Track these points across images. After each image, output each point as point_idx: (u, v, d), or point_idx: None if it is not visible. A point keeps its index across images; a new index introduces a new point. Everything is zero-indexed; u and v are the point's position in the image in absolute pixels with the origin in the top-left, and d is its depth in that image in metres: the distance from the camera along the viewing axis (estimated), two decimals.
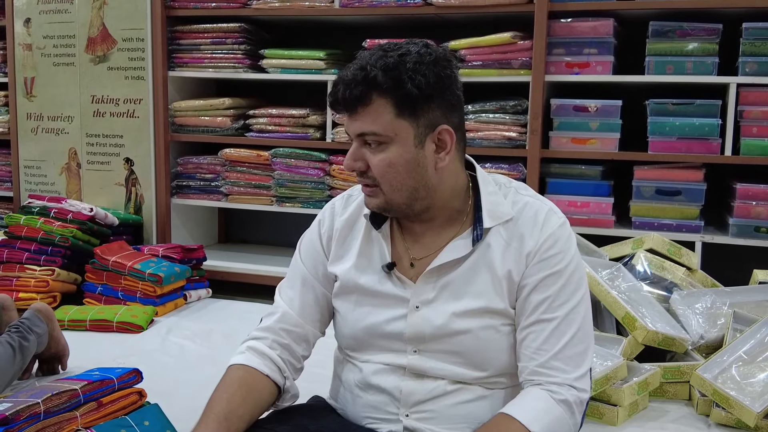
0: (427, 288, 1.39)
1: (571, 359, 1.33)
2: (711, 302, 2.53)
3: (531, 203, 1.40)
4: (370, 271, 1.44)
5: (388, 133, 1.31)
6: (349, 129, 1.35)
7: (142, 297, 3.12)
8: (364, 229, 1.47)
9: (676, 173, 3.07)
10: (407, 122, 1.31)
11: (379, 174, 1.33)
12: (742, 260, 2.97)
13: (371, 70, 1.29)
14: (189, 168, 3.76)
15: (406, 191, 1.34)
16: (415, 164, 1.33)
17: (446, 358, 1.38)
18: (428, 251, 1.41)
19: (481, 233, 1.37)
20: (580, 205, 3.18)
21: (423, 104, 1.31)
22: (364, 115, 1.31)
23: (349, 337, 1.48)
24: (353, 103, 1.31)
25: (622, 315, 2.37)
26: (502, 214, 1.38)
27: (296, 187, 3.53)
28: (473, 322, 1.36)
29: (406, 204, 1.36)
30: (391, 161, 1.32)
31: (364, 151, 1.34)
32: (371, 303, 1.44)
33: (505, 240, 1.37)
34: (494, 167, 3.23)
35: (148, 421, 1.96)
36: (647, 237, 2.76)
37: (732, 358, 2.26)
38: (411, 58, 1.30)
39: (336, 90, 1.33)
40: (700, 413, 2.21)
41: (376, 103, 1.30)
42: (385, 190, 1.34)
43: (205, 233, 4.03)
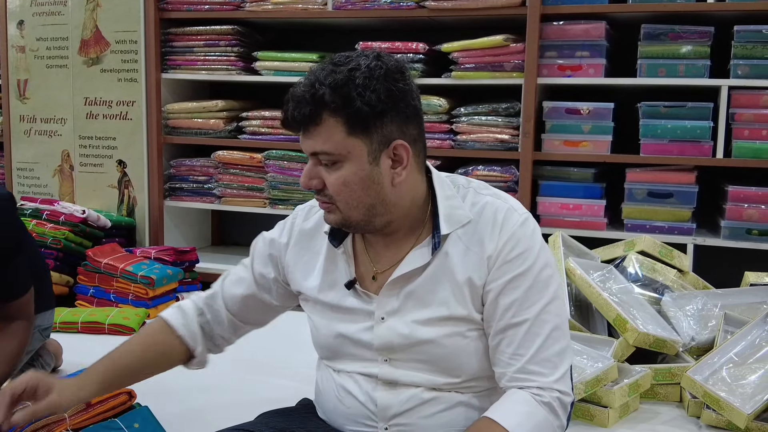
0: (390, 299, 1.37)
1: (548, 361, 1.30)
2: (702, 304, 2.53)
3: (491, 203, 1.36)
4: (334, 288, 1.43)
5: (341, 152, 1.27)
6: (303, 147, 1.32)
7: (134, 299, 3.11)
8: (326, 245, 1.45)
9: (668, 176, 3.08)
10: (360, 140, 1.27)
11: (335, 192, 1.30)
12: (734, 263, 2.97)
13: (320, 88, 1.25)
14: (182, 170, 3.76)
15: (362, 208, 1.31)
16: (370, 181, 1.29)
17: (417, 366, 1.36)
18: (390, 263, 1.39)
19: (439, 241, 1.34)
20: (572, 208, 3.18)
21: (375, 121, 1.27)
22: (316, 135, 1.27)
23: (323, 346, 1.47)
24: (303, 122, 1.27)
25: (613, 317, 2.37)
26: (460, 218, 1.35)
27: (289, 189, 3.53)
28: (438, 330, 1.33)
29: (364, 221, 1.33)
30: (345, 180, 1.28)
31: (319, 169, 1.30)
32: (339, 317, 1.42)
33: (465, 245, 1.34)
34: (487, 170, 3.24)
35: (138, 424, 1.95)
36: (639, 239, 2.76)
37: (723, 360, 2.26)
38: (361, 73, 1.25)
39: (286, 108, 1.29)
40: (690, 415, 2.21)
41: (326, 122, 1.25)
42: (342, 208, 1.31)
43: (198, 235, 4.03)
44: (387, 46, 3.30)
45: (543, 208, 3.23)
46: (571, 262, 2.55)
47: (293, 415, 1.52)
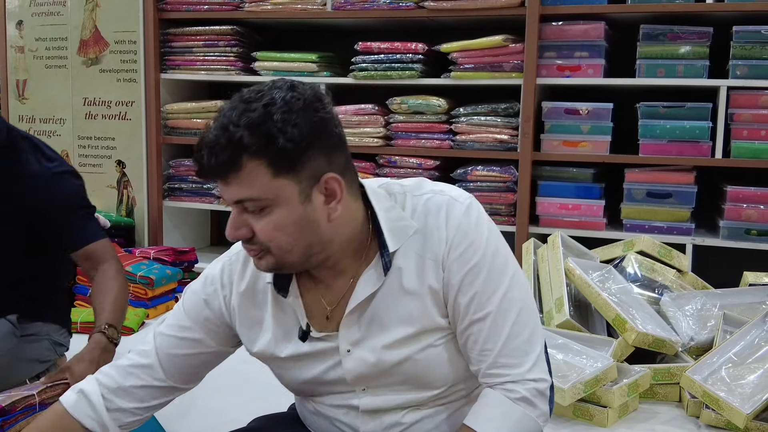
0: (351, 330, 1.28)
1: (517, 350, 1.24)
2: (701, 304, 2.54)
3: (431, 200, 1.27)
4: (288, 339, 1.33)
5: (268, 196, 1.15)
6: (223, 195, 1.19)
7: (133, 299, 3.11)
8: (270, 294, 1.33)
9: (667, 176, 3.08)
10: (287, 180, 1.15)
11: (267, 239, 1.18)
12: (732, 263, 2.97)
13: (235, 131, 1.12)
14: (181, 170, 3.76)
15: (299, 250, 1.21)
16: (305, 222, 1.19)
17: (396, 388, 1.30)
18: (342, 293, 1.29)
19: (390, 260, 1.25)
20: (571, 208, 3.19)
21: (301, 157, 1.15)
22: (237, 182, 1.14)
23: (293, 389, 1.41)
24: (222, 170, 1.14)
25: (612, 317, 2.37)
26: (406, 229, 1.26)
27: None
28: (407, 349, 1.27)
29: (300, 261, 1.22)
30: (277, 224, 1.17)
31: (245, 216, 1.18)
32: (302, 365, 1.33)
33: (417, 254, 1.26)
34: (486, 170, 3.24)
35: None
36: (638, 239, 2.77)
37: (722, 360, 2.26)
38: (278, 108, 1.13)
39: (200, 156, 1.16)
40: (690, 415, 2.21)
41: (247, 167, 1.13)
42: (276, 253, 1.20)
43: (197, 236, 4.03)
44: (386, 47, 3.31)
45: (542, 208, 3.23)
46: (570, 263, 2.55)
47: (285, 421, 1.50)
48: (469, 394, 1.35)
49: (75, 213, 2.07)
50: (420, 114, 3.28)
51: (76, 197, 2.09)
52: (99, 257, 2.06)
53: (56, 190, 2.03)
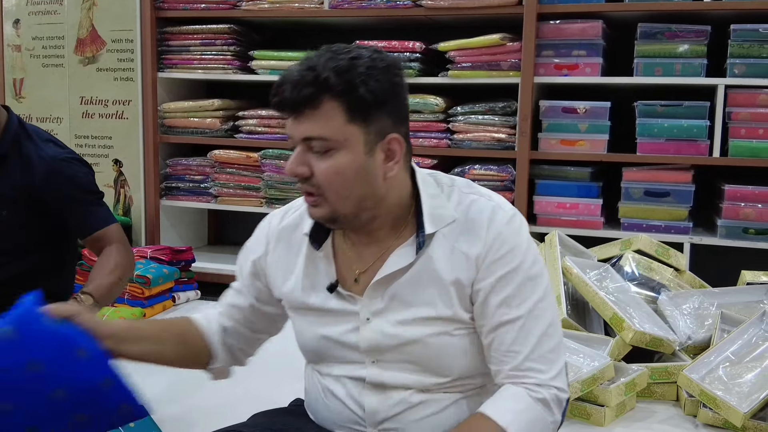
0: (375, 300, 1.33)
1: (544, 358, 1.27)
2: (699, 303, 2.53)
3: (476, 201, 1.32)
4: (315, 290, 1.37)
5: (338, 138, 1.21)
6: (293, 132, 1.24)
7: (130, 299, 3.11)
8: (306, 246, 1.38)
9: (664, 175, 3.08)
10: (358, 128, 1.22)
11: (326, 182, 1.23)
12: (730, 261, 2.97)
13: (322, 71, 1.19)
14: (178, 169, 3.75)
15: (353, 201, 1.25)
16: (364, 173, 1.24)
17: (405, 366, 1.33)
18: (373, 262, 1.33)
19: (424, 240, 1.29)
20: (569, 207, 3.18)
21: (375, 110, 1.22)
22: (313, 119, 1.20)
23: (308, 350, 1.44)
24: (301, 104, 1.20)
25: (609, 316, 2.37)
26: (445, 218, 1.30)
27: (286, 189, 3.53)
28: (424, 330, 1.30)
29: (352, 214, 1.27)
30: (338, 168, 1.22)
31: (308, 156, 1.23)
32: (323, 320, 1.37)
33: (450, 245, 1.29)
34: (483, 169, 3.24)
35: (134, 423, 1.95)
36: (635, 238, 2.76)
37: (719, 359, 2.26)
38: (363, 62, 1.21)
39: (281, 90, 1.22)
40: (687, 414, 2.21)
41: (325, 106, 1.20)
42: (331, 200, 1.24)
43: (194, 235, 4.02)
44: (383, 45, 3.30)
45: (540, 208, 3.22)
46: (568, 261, 2.55)
47: (286, 416, 1.50)
48: (481, 388, 1.36)
49: (85, 198, 2.10)
50: (417, 113, 3.28)
51: (84, 182, 2.11)
52: (108, 241, 2.10)
53: (65, 175, 2.05)
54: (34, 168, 2.04)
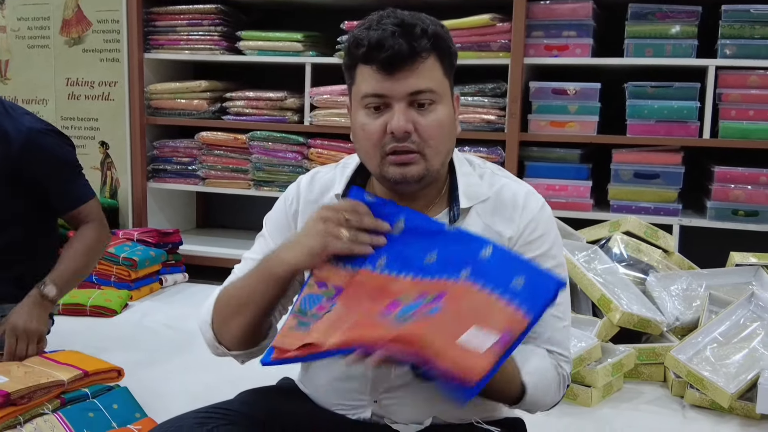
0: None
1: (563, 341, 1.32)
2: (687, 284, 2.53)
3: (508, 185, 1.34)
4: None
5: (440, 91, 1.25)
6: (395, 88, 1.22)
7: (116, 281, 3.08)
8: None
9: (654, 156, 3.06)
10: (448, 82, 1.28)
11: (430, 136, 1.24)
12: (719, 243, 2.96)
13: (428, 26, 1.23)
14: (165, 152, 3.72)
15: (443, 156, 1.28)
16: (452, 127, 1.29)
17: None
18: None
19: (458, 213, 1.30)
20: (558, 189, 3.16)
21: (454, 66, 1.29)
22: (421, 71, 1.22)
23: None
24: (410, 56, 1.20)
25: (597, 297, 2.36)
26: (479, 195, 1.32)
27: (274, 171, 3.50)
28: None
29: (437, 172, 1.29)
30: (441, 121, 1.25)
31: (412, 112, 1.23)
32: None
33: (484, 223, 1.31)
34: (473, 151, 3.21)
35: (117, 404, 1.95)
36: (624, 220, 2.75)
37: (707, 340, 2.25)
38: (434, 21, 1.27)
39: (388, 45, 1.20)
40: (674, 395, 2.20)
41: (431, 59, 1.23)
42: (429, 155, 1.25)
43: (182, 218, 3.99)
44: None
45: None
46: None
47: (275, 395, 1.48)
48: None
49: (63, 171, 2.10)
50: None
51: (63, 155, 2.11)
52: (85, 218, 2.12)
53: (43, 147, 2.05)
54: (11, 140, 2.02)
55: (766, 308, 2.30)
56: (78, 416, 1.86)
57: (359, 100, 1.27)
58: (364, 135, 1.27)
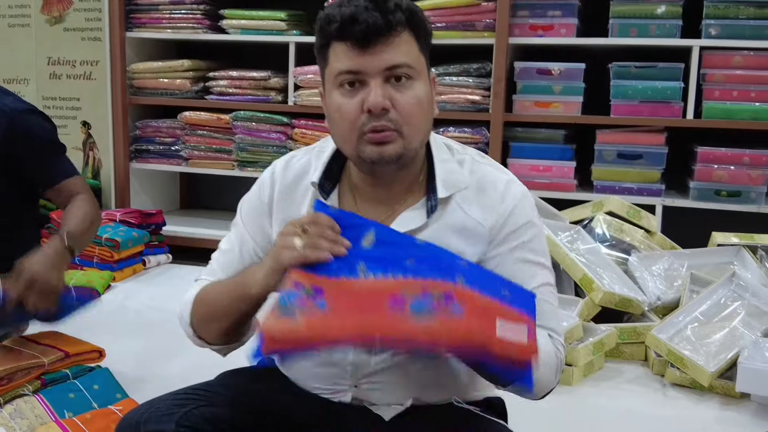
0: None
1: (557, 328, 1.28)
2: (669, 264, 2.54)
3: (489, 172, 1.30)
4: None
5: (417, 66, 1.21)
6: (370, 63, 1.18)
7: (99, 262, 3.06)
8: (309, 197, 1.33)
9: (638, 137, 3.07)
10: (424, 58, 1.24)
11: (408, 113, 1.20)
12: (701, 224, 2.97)
13: (400, 0, 1.20)
14: (148, 132, 3.68)
15: (422, 135, 1.23)
16: (430, 106, 1.25)
17: None
18: (381, 220, 1.26)
19: (436, 204, 1.25)
20: (542, 169, 3.16)
21: (429, 45, 1.26)
22: (397, 46, 1.19)
23: None
24: (385, 29, 1.17)
25: (579, 276, 2.36)
26: (458, 183, 1.27)
27: (258, 152, 3.48)
28: None
29: (415, 151, 1.24)
30: (419, 97, 1.21)
31: (388, 88, 1.20)
32: None
33: (464, 212, 1.27)
34: (457, 131, 3.21)
35: (98, 385, 1.94)
36: (607, 200, 2.75)
37: (688, 319, 2.27)
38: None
39: (362, 19, 1.17)
40: (655, 373, 2.22)
41: (405, 34, 1.20)
42: (407, 133, 1.21)
43: (166, 199, 3.97)
44: None
45: (513, 170, 3.14)
46: None
47: (254, 375, 1.48)
48: None
49: (47, 150, 2.08)
50: None
51: (46, 134, 2.09)
52: (72, 192, 2.08)
53: (26, 127, 2.03)
54: None
55: (747, 288, 2.32)
56: (59, 397, 1.86)
57: (333, 80, 1.23)
58: (340, 116, 1.23)
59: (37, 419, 1.78)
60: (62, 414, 1.82)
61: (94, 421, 1.78)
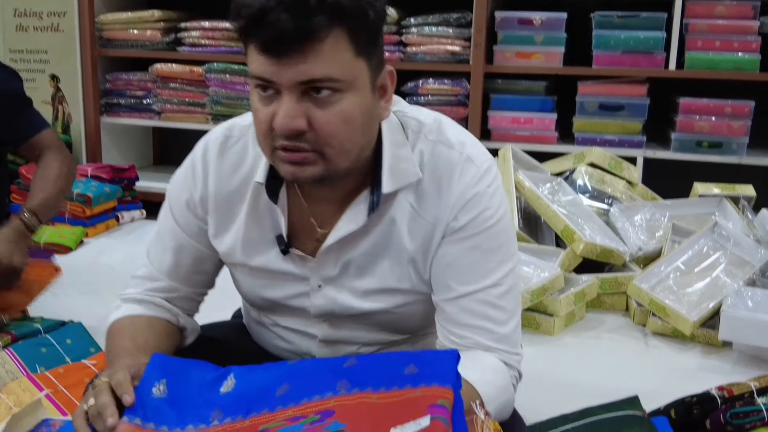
0: (327, 265, 1.15)
1: (511, 336, 1.13)
2: (650, 215, 2.52)
3: (443, 153, 1.11)
4: (260, 247, 1.18)
5: (347, 78, 0.98)
6: (282, 75, 0.96)
7: (70, 218, 2.99)
8: (250, 192, 1.16)
9: (619, 88, 3.03)
10: (364, 62, 0.99)
11: (331, 134, 0.98)
12: (683, 175, 2.95)
13: None
14: (118, 85, 3.58)
15: (354, 153, 1.03)
16: (369, 117, 1.02)
17: (361, 328, 1.21)
18: (330, 219, 1.14)
19: (379, 200, 1.09)
20: (523, 122, 3.12)
21: (379, 38, 1.02)
22: (317, 55, 0.95)
23: (249, 300, 1.30)
24: (303, 36, 0.93)
25: (561, 228, 2.34)
26: (407, 175, 1.09)
27: (232, 105, 3.40)
28: (383, 301, 1.16)
29: (346, 170, 1.04)
30: (347, 115, 0.98)
31: (306, 106, 0.97)
32: (266, 280, 1.20)
33: (414, 209, 1.11)
34: (437, 83, 3.15)
35: (70, 340, 1.90)
36: (588, 151, 2.72)
37: (669, 269, 2.25)
38: None
39: (269, 20, 0.93)
40: (636, 323, 2.21)
41: (332, 38, 0.95)
42: (331, 155, 1.00)
43: (139, 154, 3.87)
44: None
45: (494, 122, 3.15)
46: (521, 175, 2.50)
47: (225, 329, 1.44)
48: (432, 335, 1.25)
49: (14, 105, 2.01)
50: None
51: (13, 88, 2.03)
52: (44, 146, 2.01)
53: None
54: None
55: (729, 238, 2.30)
56: (30, 352, 1.81)
57: (250, 77, 1.02)
58: (256, 121, 1.03)
59: (8, 374, 1.73)
60: (34, 369, 1.77)
61: (67, 375, 1.73)
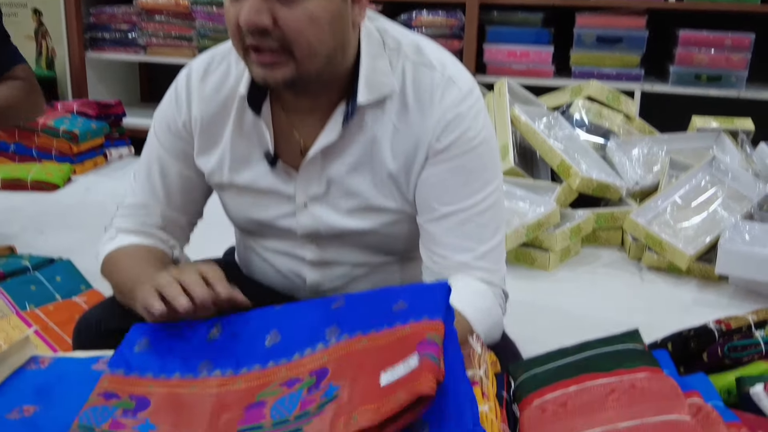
0: (311, 182, 1.15)
1: (494, 255, 1.13)
2: (648, 149, 2.48)
3: (425, 73, 1.10)
4: (247, 164, 1.18)
5: None
6: None
7: (57, 155, 2.93)
8: (234, 109, 1.16)
9: (618, 20, 2.96)
10: None
11: (296, 32, 0.98)
12: (681, 109, 2.91)
13: None
14: (103, 19, 3.48)
15: (323, 56, 1.02)
16: (339, 19, 1.02)
17: (348, 249, 1.21)
18: (313, 133, 1.13)
19: (354, 110, 1.09)
20: (519, 55, 3.05)
21: None
22: None
23: (238, 224, 1.29)
24: None
25: (557, 163, 2.30)
26: (382, 86, 1.09)
27: (221, 38, 3.30)
28: (367, 220, 1.16)
29: (317, 74, 1.04)
30: (313, 14, 0.98)
31: (272, 2, 0.98)
32: (252, 199, 1.20)
33: (393, 124, 1.10)
34: (431, 15, 3.07)
35: (60, 277, 1.87)
36: (586, 84, 2.66)
37: (666, 203, 2.23)
38: None
39: None
40: (632, 258, 2.19)
41: None
42: (299, 56, 1.00)
43: (125, 90, 3.79)
44: None
45: (489, 56, 3.08)
46: (516, 110, 2.44)
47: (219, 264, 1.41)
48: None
49: None
50: None
51: None
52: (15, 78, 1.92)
53: None
54: None
55: (727, 172, 2.27)
56: (19, 289, 1.78)
57: None
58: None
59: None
60: (23, 306, 1.75)
61: (57, 312, 1.71)
